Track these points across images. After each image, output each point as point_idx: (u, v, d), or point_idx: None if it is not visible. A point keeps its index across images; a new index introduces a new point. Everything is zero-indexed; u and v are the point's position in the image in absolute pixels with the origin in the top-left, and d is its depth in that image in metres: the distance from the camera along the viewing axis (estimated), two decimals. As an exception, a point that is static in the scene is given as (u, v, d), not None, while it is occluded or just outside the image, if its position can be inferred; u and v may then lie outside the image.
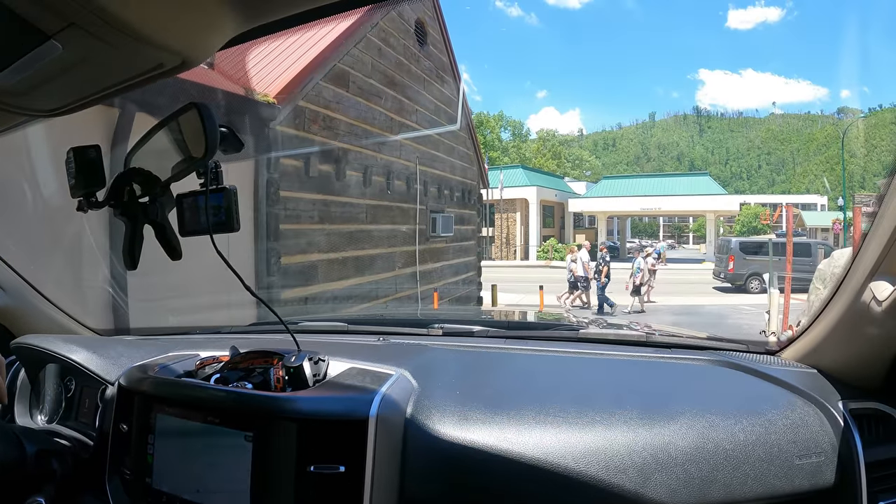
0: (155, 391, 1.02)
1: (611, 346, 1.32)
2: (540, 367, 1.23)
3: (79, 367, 1.21)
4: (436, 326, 1.47)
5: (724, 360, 1.18)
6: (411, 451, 0.91)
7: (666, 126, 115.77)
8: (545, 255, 25.89)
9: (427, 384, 1.01)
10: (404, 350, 1.28)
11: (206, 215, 0.85)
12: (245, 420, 0.90)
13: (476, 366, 1.25)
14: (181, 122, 0.81)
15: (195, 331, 1.65)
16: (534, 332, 1.50)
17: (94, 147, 0.89)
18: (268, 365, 1.02)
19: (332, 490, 0.86)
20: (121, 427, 1.06)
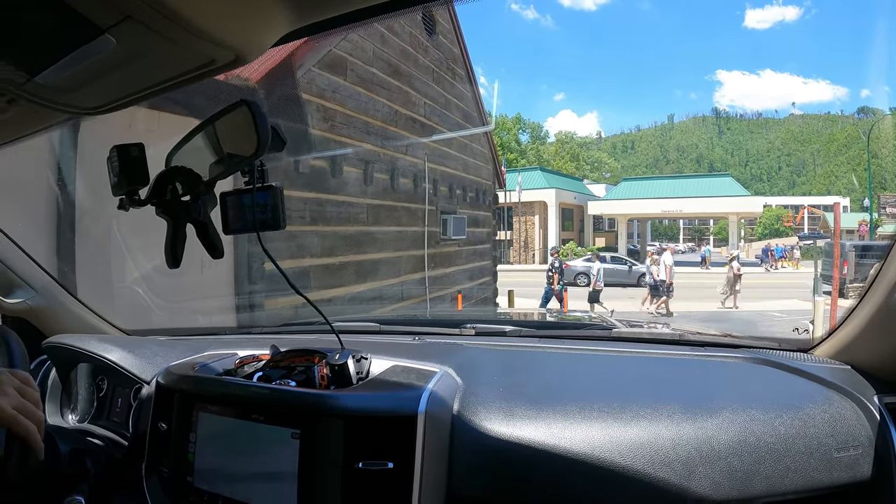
0: (197, 389, 1.01)
1: (644, 344, 1.32)
2: (576, 365, 1.24)
3: (114, 366, 1.22)
4: (468, 326, 1.47)
5: (758, 357, 1.18)
6: (458, 447, 0.91)
7: (685, 128, 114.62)
8: (565, 258, 24.84)
9: (471, 381, 1.02)
10: (442, 349, 1.28)
11: (252, 213, 0.85)
12: (292, 417, 0.90)
13: (514, 364, 1.24)
14: (229, 119, 0.82)
15: (224, 331, 1.65)
16: (566, 332, 1.48)
17: (138, 145, 0.89)
18: (309, 363, 1.02)
19: (380, 486, 0.86)
20: (159, 426, 1.05)
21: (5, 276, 1.47)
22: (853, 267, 12.79)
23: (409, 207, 8.06)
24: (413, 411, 0.89)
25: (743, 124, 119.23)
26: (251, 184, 0.85)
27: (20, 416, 0.84)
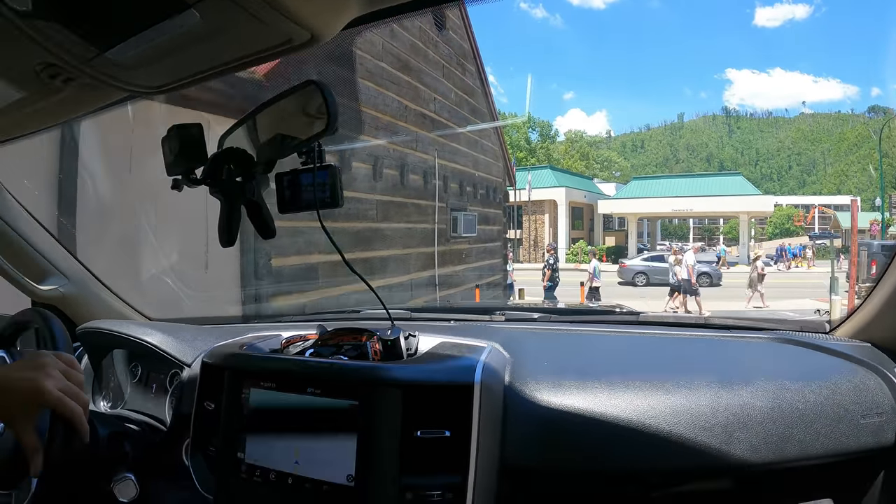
0: (249, 366, 1.04)
1: (671, 327, 1.34)
2: (610, 344, 1.27)
3: (154, 349, 1.24)
4: (498, 313, 1.50)
5: (782, 337, 1.21)
6: (511, 417, 0.94)
7: (695, 127, 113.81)
8: (574, 258, 25.28)
9: (517, 355, 1.04)
10: (480, 330, 1.30)
11: (310, 192, 0.87)
12: (350, 390, 0.92)
13: (552, 343, 1.28)
14: (295, 99, 0.84)
15: (253, 320, 1.67)
16: (594, 317, 1.53)
17: (197, 125, 0.91)
18: (357, 341, 1.05)
19: (438, 454, 0.89)
20: (205, 405, 1.08)
21: (39, 264, 1.50)
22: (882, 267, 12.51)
23: (419, 204, 7.95)
24: (469, 381, 0.92)
25: (753, 123, 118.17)
26: (308, 164, 0.87)
27: (66, 398, 0.85)
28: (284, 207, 0.92)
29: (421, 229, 8.05)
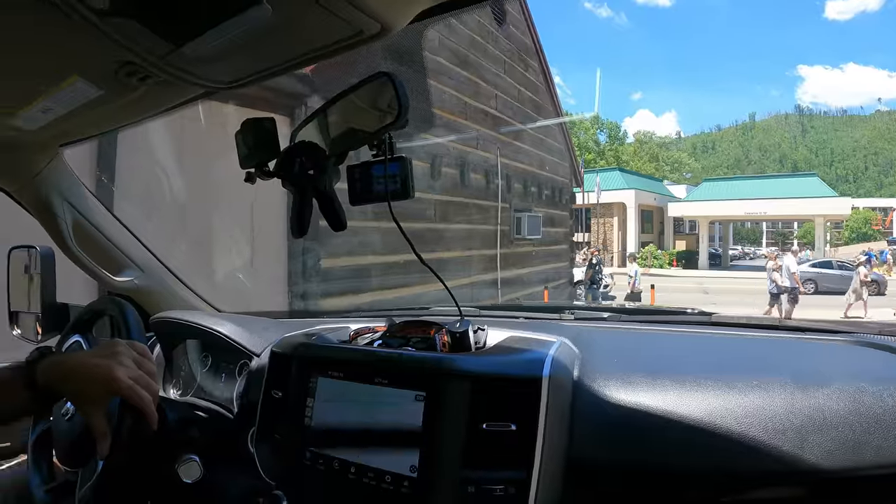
0: (317, 355, 1.07)
1: (743, 329, 1.31)
2: (681, 343, 1.25)
3: (226, 339, 1.28)
4: (567, 312, 1.49)
5: (861, 340, 1.17)
6: (578, 413, 0.93)
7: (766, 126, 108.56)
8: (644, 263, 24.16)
9: (585, 351, 1.04)
10: (550, 326, 1.29)
11: (381, 184, 0.90)
12: (417, 380, 0.94)
13: (621, 341, 1.27)
14: (366, 91, 0.86)
15: (320, 315, 1.68)
16: (664, 317, 1.49)
17: (270, 119, 0.95)
18: (425, 335, 1.06)
19: (503, 447, 0.89)
20: (273, 393, 1.11)
21: (115, 257, 1.56)
22: None
23: (481, 204, 7.67)
24: (538, 374, 0.91)
25: (827, 122, 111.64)
26: (379, 155, 0.89)
27: (137, 386, 0.88)
28: (356, 199, 0.93)
29: (483, 231, 7.83)
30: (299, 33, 0.73)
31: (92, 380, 0.87)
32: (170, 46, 0.75)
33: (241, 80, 0.87)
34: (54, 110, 1.06)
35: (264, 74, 0.85)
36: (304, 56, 0.79)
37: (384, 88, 0.83)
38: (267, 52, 0.79)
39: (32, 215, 1.50)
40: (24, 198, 1.47)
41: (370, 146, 0.88)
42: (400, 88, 0.81)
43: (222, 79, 0.87)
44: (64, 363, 0.92)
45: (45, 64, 0.89)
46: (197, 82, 0.87)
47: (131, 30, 0.72)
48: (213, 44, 0.72)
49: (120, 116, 1.17)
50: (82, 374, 0.88)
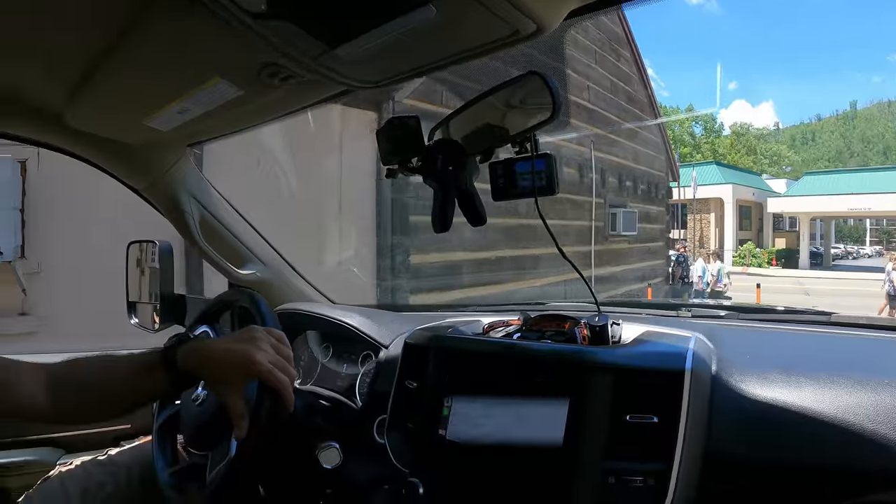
0: (457, 347, 1.09)
1: (865, 329, 1.27)
2: (804, 342, 1.24)
3: (354, 330, 1.32)
4: (684, 309, 1.50)
5: None
6: (717, 407, 0.93)
7: (869, 115, 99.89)
8: (742, 261, 23.60)
9: (719, 347, 1.04)
10: (672, 323, 1.28)
11: (526, 180, 0.92)
12: (561, 372, 0.96)
13: (747, 338, 1.26)
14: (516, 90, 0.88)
15: (438, 308, 1.73)
16: (783, 316, 1.47)
17: (414, 117, 0.97)
18: (560, 329, 1.08)
19: (645, 440, 0.90)
20: (407, 383, 1.14)
21: (239, 251, 1.62)
22: None
23: (574, 199, 7.47)
24: (680, 368, 0.92)
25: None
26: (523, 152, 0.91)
27: (275, 370, 0.90)
28: (499, 195, 0.96)
29: (577, 227, 7.61)
30: (456, 33, 0.74)
31: (232, 364, 0.91)
32: (323, 48, 0.76)
33: (388, 79, 0.89)
34: (191, 111, 1.08)
35: (412, 73, 0.87)
36: (456, 55, 0.79)
37: (535, 87, 0.85)
38: (420, 51, 0.79)
39: (160, 212, 1.57)
40: (152, 195, 1.54)
41: (512, 143, 0.91)
42: (553, 87, 0.83)
43: (369, 78, 0.89)
44: (204, 348, 0.96)
45: (189, 66, 0.92)
46: (343, 82, 0.88)
47: (285, 31, 0.74)
48: (370, 45, 0.74)
49: (252, 117, 1.20)
50: (223, 358, 0.92)
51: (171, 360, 0.94)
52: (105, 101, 1.13)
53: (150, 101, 1.08)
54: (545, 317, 1.13)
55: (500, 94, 0.89)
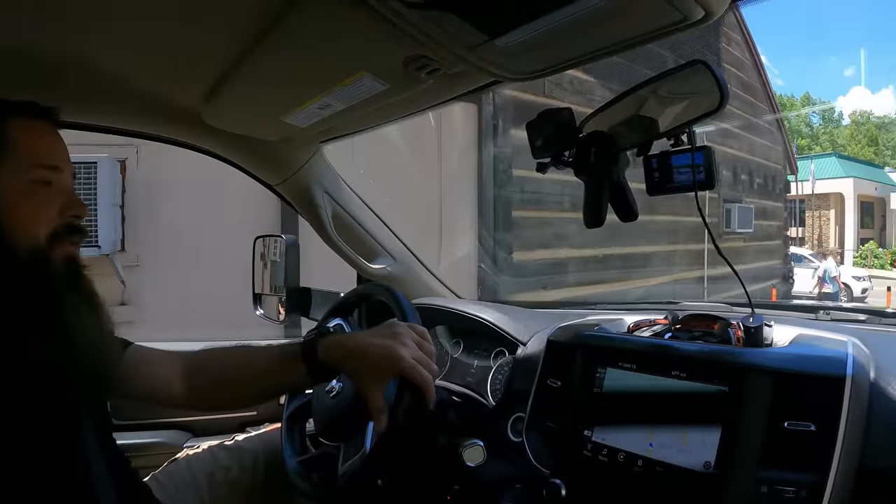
0: (607, 346, 1.07)
1: None
2: None
3: (491, 326, 1.31)
4: (822, 312, 1.42)
5: None
6: (875, 416, 0.88)
7: None
8: (863, 262, 21.87)
9: (873, 352, 0.98)
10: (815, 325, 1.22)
11: (688, 174, 0.90)
12: (718, 374, 0.93)
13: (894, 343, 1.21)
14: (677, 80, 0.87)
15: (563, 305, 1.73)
16: None
17: (567, 109, 0.95)
18: (709, 329, 1.05)
19: (801, 448, 0.86)
20: (549, 382, 1.12)
21: (370, 246, 1.64)
22: None
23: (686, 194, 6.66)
24: (841, 373, 0.88)
25: None
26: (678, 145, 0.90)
27: (418, 366, 0.91)
28: (654, 189, 0.94)
29: (688, 223, 7.24)
30: (623, 20, 0.71)
31: (376, 359, 0.92)
32: (482, 38, 0.75)
33: (543, 69, 0.86)
34: (332, 107, 1.09)
35: (567, 64, 0.84)
36: (615, 44, 0.77)
37: (699, 76, 0.83)
38: (580, 40, 0.77)
39: (293, 207, 1.62)
40: (286, 191, 1.58)
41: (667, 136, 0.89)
42: (719, 76, 0.81)
43: (524, 70, 0.87)
44: (347, 342, 0.98)
45: (334, 61, 0.92)
46: (496, 74, 0.87)
47: (443, 22, 0.73)
48: (531, 35, 0.72)
49: (390, 112, 1.20)
50: (366, 353, 0.93)
51: (311, 352, 0.97)
52: (245, 100, 1.16)
53: (291, 98, 1.09)
54: (695, 316, 1.10)
55: (659, 84, 0.88)
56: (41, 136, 0.89)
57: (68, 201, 0.90)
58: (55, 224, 0.87)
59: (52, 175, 0.88)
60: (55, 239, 0.87)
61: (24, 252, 0.84)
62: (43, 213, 0.87)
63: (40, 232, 0.86)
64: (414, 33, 0.76)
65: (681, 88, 0.87)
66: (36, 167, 0.86)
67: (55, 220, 0.87)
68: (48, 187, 0.88)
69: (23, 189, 0.85)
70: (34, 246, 0.85)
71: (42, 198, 0.87)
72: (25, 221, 0.85)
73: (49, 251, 0.86)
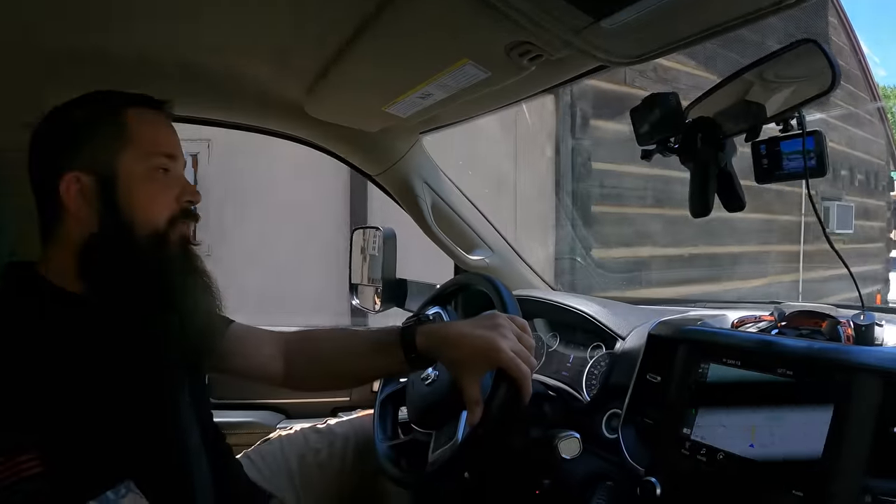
0: (713, 341, 1.03)
1: None
2: None
3: (588, 319, 1.29)
4: None
5: None
6: None
7: None
8: None
9: None
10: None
11: (799, 160, 0.87)
12: (828, 374, 0.88)
13: None
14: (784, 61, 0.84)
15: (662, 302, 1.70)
16: None
17: (674, 94, 0.94)
18: (816, 326, 1.01)
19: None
20: (648, 377, 1.10)
21: (468, 236, 1.65)
22: None
23: (780, 190, 6.50)
24: None
25: None
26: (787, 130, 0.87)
27: (518, 359, 0.90)
28: (763, 177, 0.91)
29: (783, 222, 6.88)
30: None
31: (475, 350, 0.91)
32: (587, 21, 0.73)
33: (647, 53, 0.84)
34: (433, 96, 1.08)
35: (673, 46, 0.82)
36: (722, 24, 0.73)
37: (808, 56, 0.81)
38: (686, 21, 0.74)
39: (392, 198, 1.64)
40: (385, 181, 1.60)
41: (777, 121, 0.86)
42: (830, 55, 0.79)
43: (629, 53, 0.84)
44: (446, 330, 0.98)
45: (437, 50, 0.92)
46: (601, 58, 0.85)
47: (548, 5, 0.72)
48: (637, 15, 0.70)
49: (491, 101, 1.20)
50: (465, 343, 0.93)
51: (409, 340, 0.98)
52: (348, 91, 1.17)
53: (393, 87, 1.10)
54: (801, 313, 1.06)
55: (765, 66, 0.85)
56: (158, 126, 0.94)
57: (183, 188, 0.94)
58: (173, 209, 0.92)
59: (169, 163, 0.92)
60: (173, 223, 0.92)
61: (145, 236, 0.89)
62: (162, 198, 0.91)
63: (160, 217, 0.90)
64: (518, 18, 0.75)
65: (789, 70, 0.84)
66: (155, 155, 0.91)
67: (173, 206, 0.92)
68: (166, 174, 0.92)
69: (144, 176, 0.89)
70: (154, 230, 0.90)
71: (161, 184, 0.91)
72: (146, 207, 0.89)
73: (167, 234, 0.91)
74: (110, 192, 0.88)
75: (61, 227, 0.88)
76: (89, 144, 0.88)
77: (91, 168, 0.87)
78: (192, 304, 0.91)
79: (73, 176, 0.86)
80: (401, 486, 1.13)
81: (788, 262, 6.94)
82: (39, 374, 0.77)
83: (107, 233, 0.87)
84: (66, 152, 0.88)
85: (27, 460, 0.70)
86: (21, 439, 0.71)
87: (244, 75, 1.20)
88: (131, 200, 0.88)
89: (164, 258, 0.90)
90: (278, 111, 1.37)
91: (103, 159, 0.88)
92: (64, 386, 0.77)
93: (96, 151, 0.88)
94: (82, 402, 0.78)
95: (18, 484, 0.69)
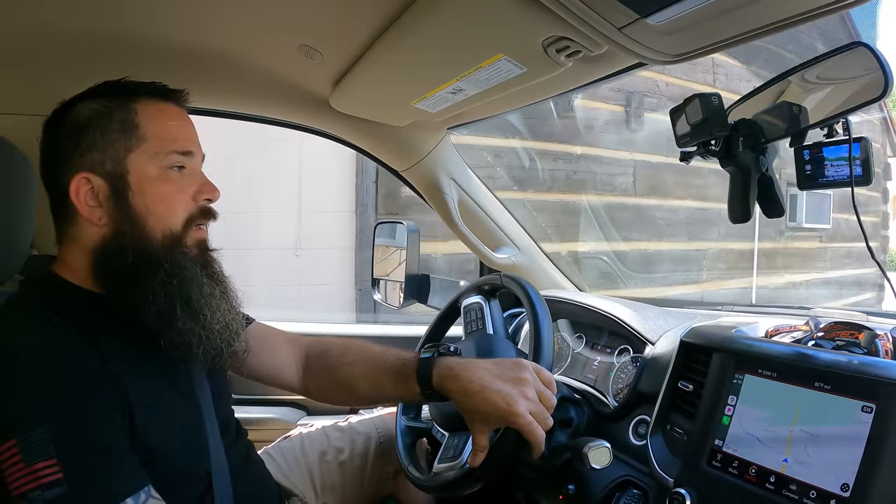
0: (747, 351, 1.01)
1: None
2: None
3: (620, 323, 1.27)
4: None
5: None
6: None
7: None
8: None
9: None
10: None
11: (842, 167, 0.86)
12: (867, 389, 0.86)
13: None
14: (833, 64, 0.83)
15: (684, 305, 1.64)
16: None
17: (716, 95, 0.91)
18: (852, 337, 0.99)
19: None
20: (680, 385, 1.08)
21: (495, 234, 1.65)
22: None
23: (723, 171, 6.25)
24: None
25: None
26: (832, 135, 0.86)
27: (535, 423, 0.89)
28: (805, 183, 0.89)
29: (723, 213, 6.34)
30: None
31: (493, 406, 0.89)
32: (632, 17, 0.71)
33: (691, 52, 0.81)
34: (465, 91, 1.07)
35: (717, 46, 0.78)
36: (772, 24, 0.71)
37: (858, 60, 0.79)
38: (733, 19, 0.71)
39: (418, 194, 1.64)
40: (412, 177, 1.59)
41: (822, 126, 0.85)
42: (881, 59, 0.77)
43: (672, 51, 0.81)
44: (467, 378, 0.93)
45: (471, 44, 0.90)
46: (642, 56, 0.81)
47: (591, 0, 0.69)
48: (686, 12, 0.68)
49: (522, 98, 1.18)
50: (483, 397, 0.90)
51: (426, 375, 0.96)
52: (376, 85, 1.15)
53: (424, 81, 1.08)
54: (838, 324, 1.04)
55: (812, 69, 0.84)
56: (170, 121, 0.90)
57: (200, 185, 0.91)
58: (190, 209, 0.89)
59: (184, 160, 0.89)
60: (189, 224, 0.89)
61: (161, 239, 0.86)
62: (178, 199, 0.88)
63: (176, 219, 0.88)
64: (559, 12, 0.73)
65: (837, 74, 0.82)
66: (168, 154, 0.87)
67: (190, 206, 0.89)
68: (181, 172, 0.88)
69: (157, 177, 0.86)
70: (170, 232, 0.87)
71: (177, 184, 0.88)
72: (162, 209, 0.86)
73: (183, 236, 0.88)
74: (122, 195, 0.84)
75: (75, 227, 0.86)
76: (97, 144, 0.84)
77: (101, 169, 0.84)
78: (210, 305, 0.89)
79: (83, 178, 0.84)
80: (421, 487, 1.13)
81: (739, 262, 6.11)
82: (58, 376, 0.75)
83: (120, 236, 0.85)
84: (74, 153, 0.84)
85: (46, 467, 0.69)
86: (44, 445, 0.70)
87: (269, 67, 1.17)
88: (145, 202, 0.85)
89: (181, 261, 0.87)
90: (303, 104, 1.35)
91: (113, 160, 0.84)
92: (81, 388, 0.75)
93: (105, 152, 0.84)
94: (101, 405, 0.76)
95: (38, 490, 0.68)
